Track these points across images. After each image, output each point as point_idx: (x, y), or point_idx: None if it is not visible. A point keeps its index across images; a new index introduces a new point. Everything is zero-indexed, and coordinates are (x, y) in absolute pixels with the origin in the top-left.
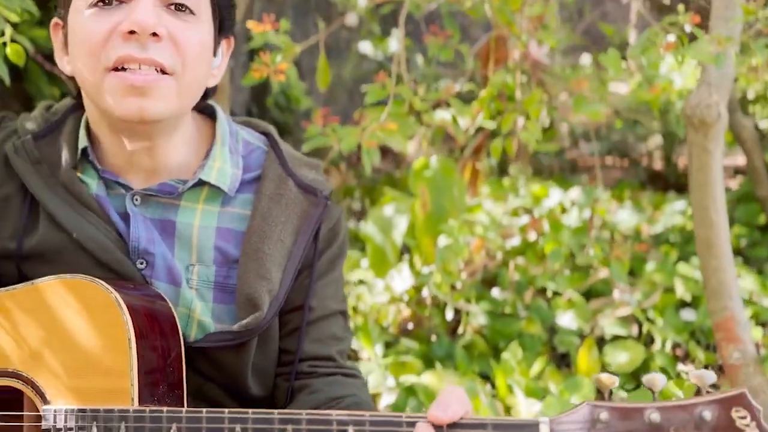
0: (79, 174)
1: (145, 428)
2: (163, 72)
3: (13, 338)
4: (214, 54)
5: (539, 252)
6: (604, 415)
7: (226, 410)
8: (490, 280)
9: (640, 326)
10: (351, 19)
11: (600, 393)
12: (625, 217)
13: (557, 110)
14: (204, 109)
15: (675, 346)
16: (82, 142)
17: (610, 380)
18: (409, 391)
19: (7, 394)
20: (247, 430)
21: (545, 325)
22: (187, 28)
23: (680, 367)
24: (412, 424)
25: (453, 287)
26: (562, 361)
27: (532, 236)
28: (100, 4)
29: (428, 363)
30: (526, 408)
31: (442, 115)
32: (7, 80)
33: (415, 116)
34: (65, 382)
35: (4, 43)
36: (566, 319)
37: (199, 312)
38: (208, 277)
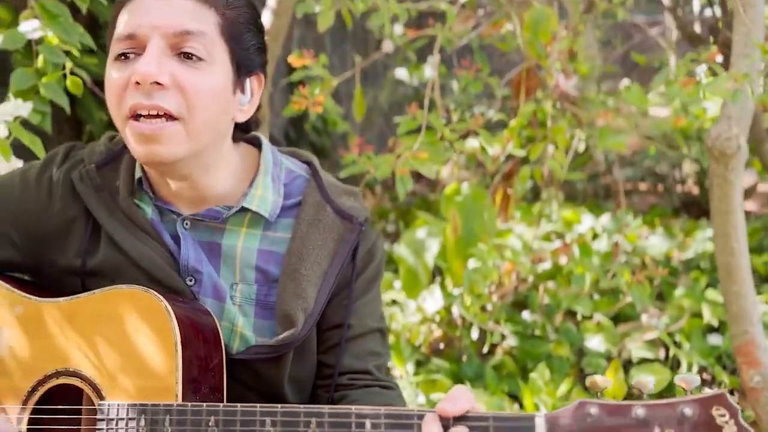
0: (135, 200)
1: (186, 421)
2: (171, 117)
3: (75, 341)
4: (243, 92)
5: (569, 276)
6: (593, 410)
7: (258, 405)
8: (521, 303)
9: (667, 350)
10: (387, 47)
11: (594, 393)
12: (655, 242)
13: (592, 137)
14: (250, 140)
15: (701, 369)
16: (138, 173)
17: (604, 383)
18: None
19: (66, 390)
20: (276, 422)
21: (574, 347)
22: (194, 75)
23: (706, 391)
24: (422, 417)
25: (483, 309)
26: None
27: (563, 261)
28: (121, 57)
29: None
30: None
31: (472, 144)
32: (67, 109)
33: (448, 144)
34: (118, 380)
35: (64, 75)
36: (595, 342)
37: (241, 326)
38: (250, 295)
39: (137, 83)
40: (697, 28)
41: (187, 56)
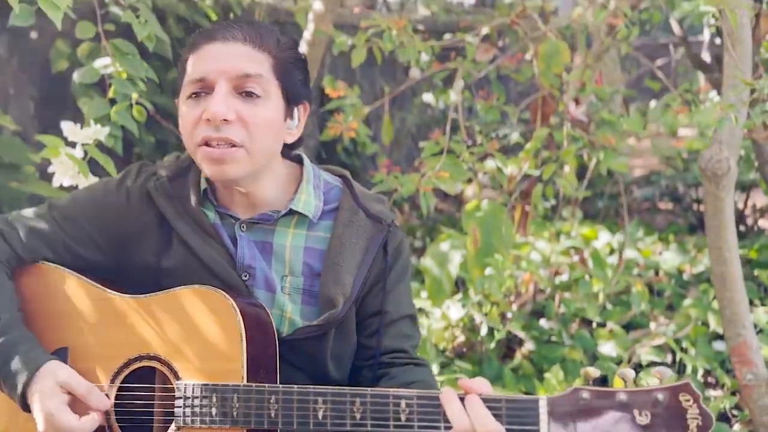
0: (201, 208)
1: (251, 399)
2: (234, 145)
3: (155, 330)
4: (291, 118)
5: (582, 285)
6: (585, 395)
7: (311, 387)
8: (539, 312)
9: (674, 355)
10: (415, 74)
11: (586, 381)
12: (668, 257)
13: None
14: (293, 157)
15: (706, 373)
16: (203, 184)
17: (594, 373)
18: None
19: (146, 372)
20: (326, 401)
21: (587, 352)
22: (254, 110)
23: (710, 392)
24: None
25: (504, 316)
26: (602, 384)
27: (579, 273)
28: (193, 96)
29: None
30: None
31: (491, 164)
32: (137, 133)
33: (469, 164)
34: (192, 364)
35: (131, 105)
36: (607, 348)
37: (290, 312)
38: (298, 285)
39: (208, 120)
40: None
41: (248, 94)
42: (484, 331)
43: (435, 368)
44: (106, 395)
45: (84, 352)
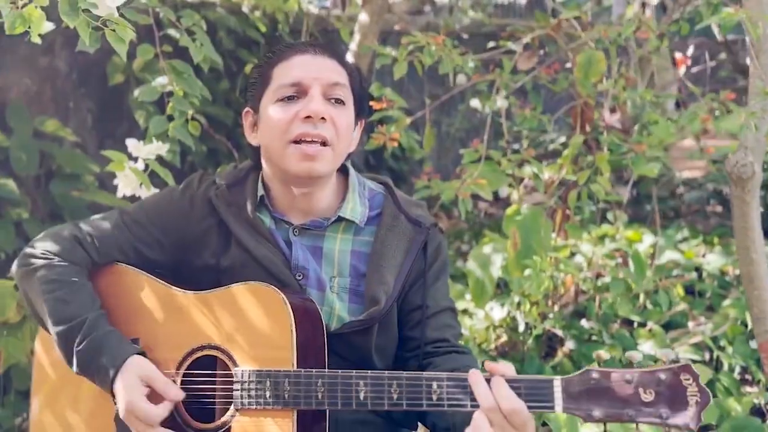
0: (258, 213)
1: (300, 382)
2: (324, 144)
3: (215, 323)
4: (354, 130)
5: (624, 286)
6: (595, 375)
7: (354, 371)
8: (581, 313)
9: (712, 353)
10: (461, 80)
11: (598, 363)
12: (711, 259)
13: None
14: (340, 168)
15: (743, 370)
16: (260, 191)
17: (605, 356)
18: None
19: (205, 360)
20: (367, 384)
21: (626, 351)
22: (340, 114)
23: (746, 389)
24: None
25: (545, 316)
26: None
27: (620, 275)
28: (285, 99)
29: None
30: None
31: (530, 171)
32: (192, 147)
33: (508, 170)
34: (249, 352)
35: (187, 120)
36: (646, 347)
37: (338, 309)
38: (345, 285)
39: (307, 117)
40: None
41: (336, 101)
42: (521, 327)
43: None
44: (173, 381)
45: (153, 343)
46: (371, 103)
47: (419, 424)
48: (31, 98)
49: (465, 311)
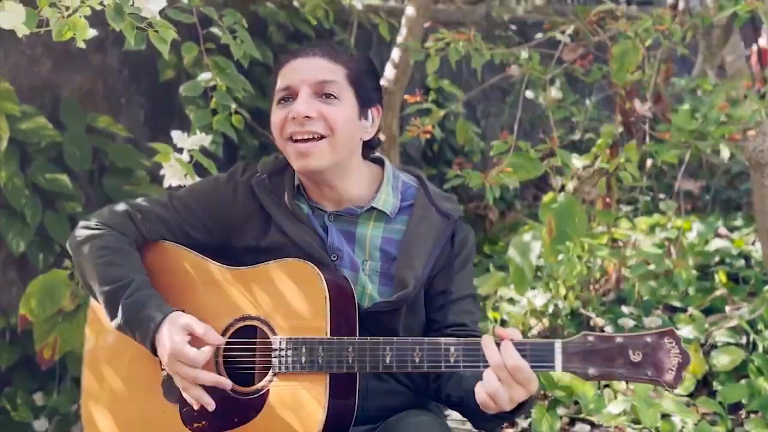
0: (295, 201)
1: (333, 349)
2: (319, 137)
3: (255, 295)
4: (366, 119)
5: (668, 274)
6: (591, 339)
7: (381, 338)
8: (623, 299)
9: (748, 336)
10: (514, 71)
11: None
12: (759, 246)
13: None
14: (375, 160)
15: None
16: (297, 181)
17: (602, 322)
18: None
19: (245, 330)
20: (392, 349)
21: None
22: (332, 108)
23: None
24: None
25: (585, 302)
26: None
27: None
28: (281, 101)
29: None
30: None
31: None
32: (235, 139)
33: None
34: (286, 322)
35: (230, 114)
36: (686, 331)
37: (369, 290)
38: (376, 269)
39: (293, 118)
40: None
41: (327, 96)
42: (563, 313)
43: None
44: (216, 356)
45: (197, 315)
46: (406, 96)
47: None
48: (84, 95)
49: (510, 300)
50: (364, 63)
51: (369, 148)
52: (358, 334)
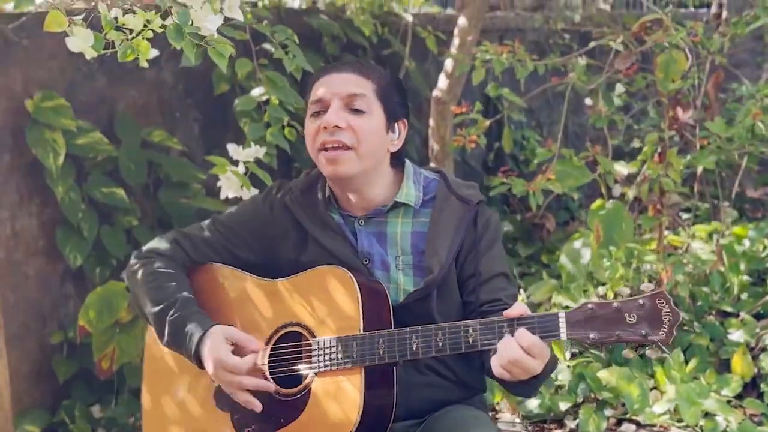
0: (328, 212)
1: (365, 343)
2: (347, 148)
3: (296, 302)
4: (393, 132)
5: (720, 279)
6: (590, 306)
7: (408, 328)
8: (675, 305)
9: None
10: (573, 77)
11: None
12: None
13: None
14: (399, 165)
15: None
16: (327, 192)
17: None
18: (580, 376)
19: (292, 335)
20: (418, 336)
21: (715, 340)
22: (360, 120)
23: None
24: (502, 324)
25: None
26: (727, 368)
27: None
28: (314, 114)
29: (608, 366)
30: (673, 393)
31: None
32: (289, 151)
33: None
34: (324, 325)
35: (283, 126)
36: (736, 335)
37: (402, 283)
38: (408, 262)
39: (325, 128)
40: None
41: (356, 110)
42: None
43: (568, 354)
44: (263, 355)
45: (246, 326)
46: (453, 108)
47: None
48: (139, 109)
49: (566, 307)
50: (392, 79)
51: (396, 158)
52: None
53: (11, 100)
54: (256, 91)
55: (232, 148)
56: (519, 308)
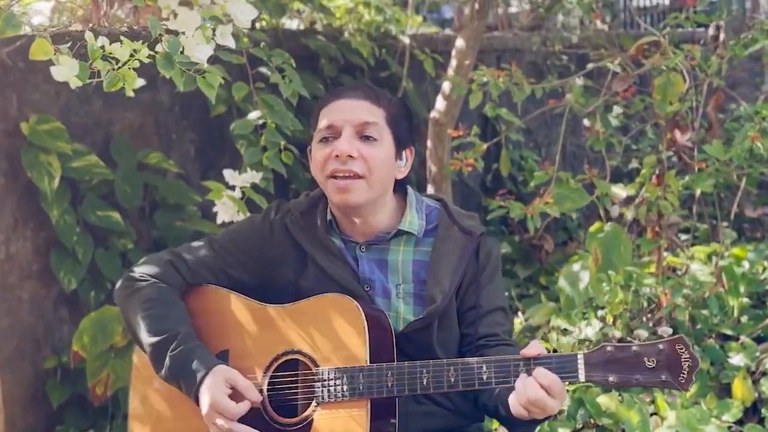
0: (328, 236)
1: (373, 375)
2: (357, 177)
3: (296, 330)
4: (400, 159)
5: (719, 302)
6: (609, 349)
7: (417, 362)
8: (675, 327)
9: None
10: (570, 99)
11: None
12: None
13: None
14: (401, 191)
15: None
16: (329, 216)
17: (643, 335)
18: (579, 402)
19: (292, 363)
20: (429, 371)
21: (716, 363)
22: (372, 149)
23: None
24: (518, 363)
25: (632, 331)
26: (727, 393)
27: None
28: (324, 140)
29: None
30: (673, 419)
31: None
32: (284, 174)
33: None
34: (328, 354)
35: (280, 150)
36: (737, 359)
37: (403, 312)
38: (410, 291)
39: (337, 156)
40: None
41: (367, 138)
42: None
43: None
44: (260, 389)
45: (242, 352)
46: (450, 131)
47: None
48: (135, 132)
49: (564, 330)
50: (401, 106)
51: (399, 185)
52: (396, 360)
53: (7, 122)
54: (253, 115)
55: (229, 174)
56: (536, 347)
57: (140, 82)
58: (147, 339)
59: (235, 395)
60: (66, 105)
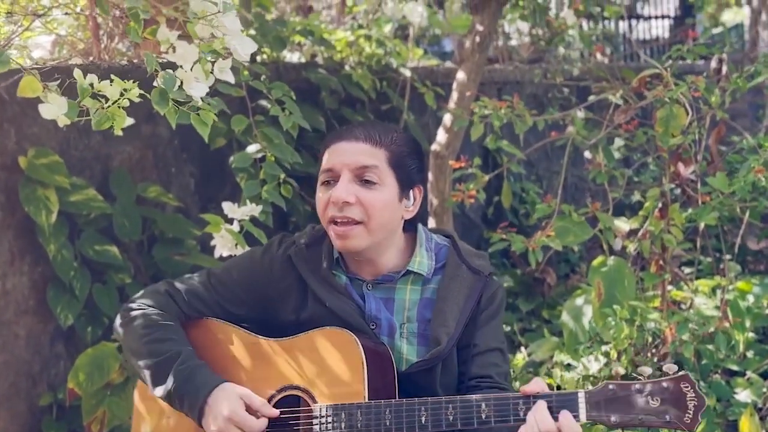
0: (333, 272)
1: (371, 412)
2: (356, 222)
3: (296, 366)
4: (407, 199)
5: (725, 337)
6: (612, 387)
7: (416, 399)
8: (680, 363)
9: None
10: (570, 131)
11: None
12: None
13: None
14: (411, 229)
15: None
16: (335, 253)
17: (647, 371)
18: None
19: (290, 399)
20: (427, 409)
21: (722, 400)
22: (371, 194)
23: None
24: (517, 401)
25: (636, 365)
26: (734, 430)
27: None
28: (325, 183)
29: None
30: None
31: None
32: (284, 207)
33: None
34: (326, 390)
35: (279, 183)
36: (743, 395)
37: (406, 353)
38: (414, 330)
39: (333, 203)
40: None
41: (366, 182)
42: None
43: None
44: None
45: (243, 387)
46: (451, 162)
47: None
48: (134, 165)
49: (568, 365)
50: (407, 145)
51: (409, 223)
52: (397, 398)
53: (4, 156)
54: (252, 148)
55: (228, 207)
56: (537, 384)
57: (129, 121)
58: (147, 361)
59: (249, 413)
60: (64, 138)
